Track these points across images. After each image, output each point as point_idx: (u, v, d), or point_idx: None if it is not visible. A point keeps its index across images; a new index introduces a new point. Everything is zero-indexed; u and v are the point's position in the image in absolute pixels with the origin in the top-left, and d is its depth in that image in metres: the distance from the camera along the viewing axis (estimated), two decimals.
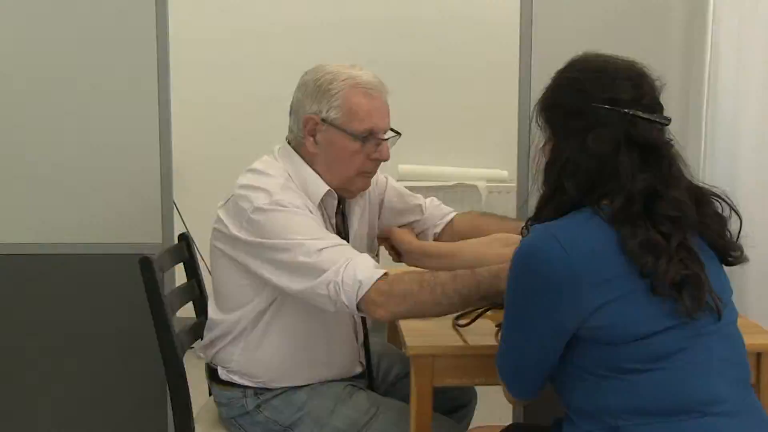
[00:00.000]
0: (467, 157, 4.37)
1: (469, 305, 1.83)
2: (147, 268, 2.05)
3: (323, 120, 1.96)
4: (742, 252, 1.58)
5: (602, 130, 1.48)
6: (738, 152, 2.44)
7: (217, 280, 2.05)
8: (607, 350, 1.46)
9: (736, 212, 1.57)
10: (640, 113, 1.49)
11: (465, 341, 1.92)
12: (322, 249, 1.82)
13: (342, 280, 1.77)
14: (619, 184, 1.47)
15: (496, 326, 1.96)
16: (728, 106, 2.49)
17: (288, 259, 1.84)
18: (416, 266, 2.08)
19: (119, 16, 2.61)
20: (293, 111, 2.04)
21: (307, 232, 1.85)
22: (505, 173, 4.31)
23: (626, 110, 1.48)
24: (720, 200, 1.56)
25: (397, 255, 2.21)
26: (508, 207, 4.26)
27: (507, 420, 2.81)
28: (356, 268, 1.77)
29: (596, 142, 1.47)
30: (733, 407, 1.47)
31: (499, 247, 1.96)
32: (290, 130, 2.06)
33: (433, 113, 4.31)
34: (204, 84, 4.20)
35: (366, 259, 1.83)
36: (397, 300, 1.76)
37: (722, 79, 2.51)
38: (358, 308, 1.78)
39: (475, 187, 4.27)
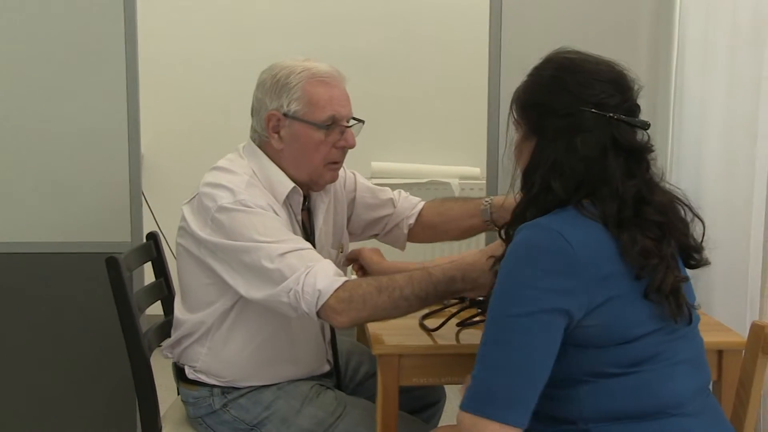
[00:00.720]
0: (439, 154, 4.38)
1: (426, 305, 1.85)
2: (114, 267, 2.04)
3: (285, 114, 1.97)
4: (703, 255, 1.60)
5: (589, 134, 1.48)
6: (703, 153, 2.47)
7: (183, 279, 2.05)
8: (591, 354, 1.44)
9: (698, 217, 1.58)
10: (623, 117, 1.50)
11: (433, 341, 1.93)
12: (284, 253, 1.82)
13: (302, 289, 1.78)
14: (609, 188, 1.47)
15: (458, 326, 1.97)
16: (694, 106, 2.52)
17: (249, 262, 1.84)
18: None
19: (87, 10, 2.59)
20: (254, 111, 2.04)
21: (269, 234, 1.85)
22: (477, 170, 4.31)
23: (611, 114, 1.49)
24: (682, 204, 1.57)
25: (366, 275, 2.20)
26: None
27: None
28: (317, 276, 1.78)
29: (584, 146, 1.47)
30: (696, 408, 1.49)
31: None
32: (253, 131, 2.06)
33: (405, 110, 4.31)
34: (173, 80, 4.17)
35: (326, 266, 1.83)
36: (357, 306, 1.77)
37: (688, 79, 2.53)
38: (318, 315, 1.80)
39: (447, 184, 4.27)
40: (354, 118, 2.05)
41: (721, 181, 2.38)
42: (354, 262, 2.26)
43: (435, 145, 4.38)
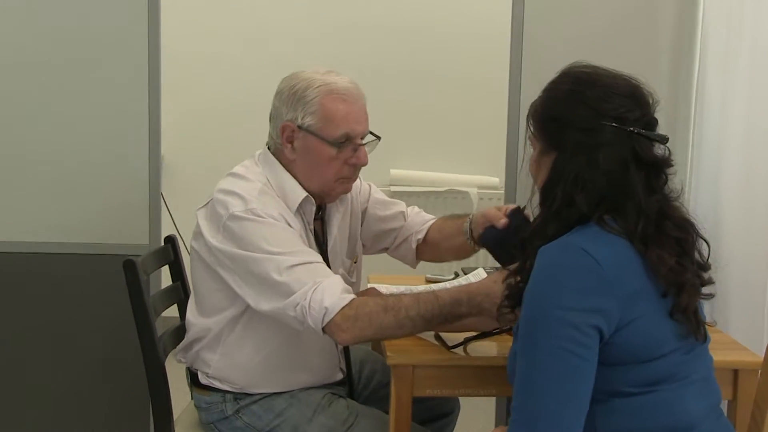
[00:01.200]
0: (459, 163, 4.37)
1: (431, 327, 1.86)
2: (131, 270, 2.05)
3: (299, 127, 1.97)
4: (709, 274, 1.57)
5: (611, 148, 1.47)
6: (723, 166, 2.44)
7: (195, 283, 2.06)
8: (609, 372, 1.41)
9: (703, 238, 1.56)
10: (643, 132, 1.49)
11: (448, 352, 1.92)
12: (293, 266, 1.83)
13: (309, 305, 1.79)
14: (632, 203, 1.46)
15: (465, 339, 1.95)
16: (714, 118, 2.49)
17: (258, 273, 1.85)
18: None
19: (110, 15, 2.61)
20: (272, 118, 2.05)
21: (279, 245, 1.86)
22: (496, 180, 4.31)
23: (631, 129, 1.48)
24: (690, 226, 1.54)
25: None
26: None
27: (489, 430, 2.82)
28: (324, 293, 1.79)
29: (606, 160, 1.46)
30: (709, 427, 1.48)
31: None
32: (270, 137, 2.07)
33: (426, 119, 4.31)
34: (194, 84, 4.20)
35: (335, 282, 1.83)
36: (362, 325, 1.79)
37: (709, 92, 2.51)
38: (324, 331, 1.81)
39: (466, 193, 4.27)
40: (371, 133, 2.04)
41: (741, 194, 2.33)
42: None
43: (454, 154, 4.38)
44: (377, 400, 2.21)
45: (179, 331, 2.20)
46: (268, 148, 2.07)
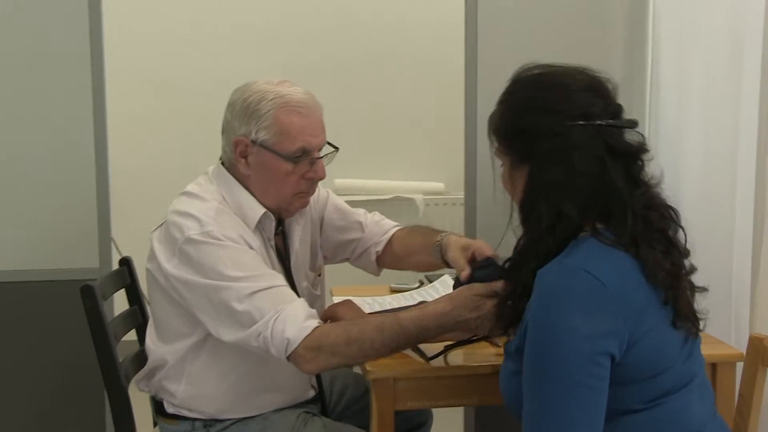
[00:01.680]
0: (403, 170, 4.36)
1: (397, 352, 1.82)
2: (89, 296, 1.97)
3: (253, 142, 1.89)
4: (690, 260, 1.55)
5: (583, 148, 1.41)
6: (683, 151, 2.43)
7: (154, 308, 1.97)
8: (616, 392, 1.36)
9: (681, 227, 1.52)
10: (611, 122, 1.44)
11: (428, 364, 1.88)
12: (253, 293, 1.76)
13: (271, 334, 1.74)
14: (617, 202, 1.42)
15: (445, 347, 1.91)
16: (671, 102, 2.50)
17: (218, 302, 1.78)
18: None
19: (51, 29, 2.52)
20: (224, 131, 1.96)
21: (239, 269, 1.79)
22: (441, 185, 4.31)
23: (599, 122, 1.43)
24: (672, 212, 1.52)
25: None
26: (446, 219, 4.27)
27: None
28: (286, 322, 1.74)
29: (582, 161, 1.41)
30: (711, 430, 1.46)
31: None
32: (223, 150, 1.98)
33: (369, 127, 4.28)
34: (141, 100, 4.09)
35: (297, 309, 1.77)
36: (326, 356, 1.75)
37: (665, 76, 2.52)
38: (288, 359, 1.77)
39: (412, 200, 4.25)
40: (328, 143, 1.98)
41: (702, 178, 2.32)
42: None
43: (398, 161, 4.36)
44: (351, 416, 2.16)
45: (140, 357, 2.11)
46: (222, 163, 1.99)
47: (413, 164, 4.36)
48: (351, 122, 4.13)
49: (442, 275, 2.48)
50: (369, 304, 2.31)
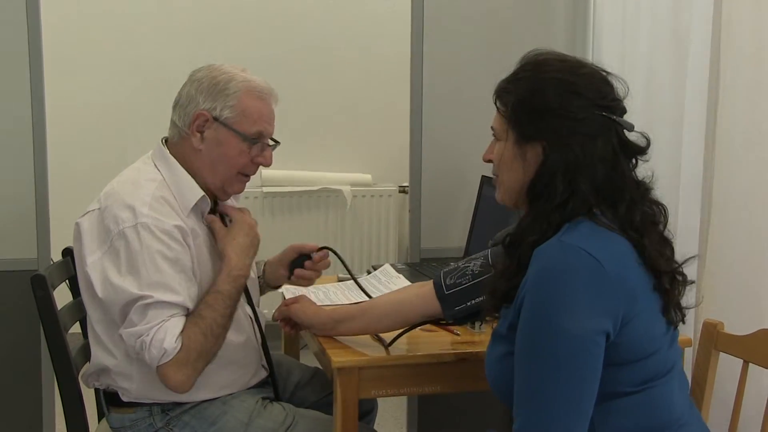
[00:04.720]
0: (330, 161, 4.35)
1: (232, 317, 1.89)
2: (41, 286, 1.93)
3: (215, 118, 1.95)
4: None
5: (604, 137, 1.46)
6: None
7: (87, 307, 1.95)
8: (612, 373, 1.38)
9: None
10: (621, 120, 1.49)
11: (387, 353, 1.91)
12: (153, 303, 1.79)
13: (151, 342, 1.78)
14: (627, 192, 1.47)
15: (401, 331, 1.93)
16: None
17: (121, 296, 1.81)
18: (329, 335, 2.00)
19: None
20: (180, 105, 1.99)
21: (155, 275, 1.81)
22: (368, 177, 4.32)
23: (614, 117, 1.48)
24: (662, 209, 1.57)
25: (296, 329, 2.13)
26: (373, 211, 4.30)
27: (404, 426, 2.84)
28: (167, 333, 1.78)
29: (604, 149, 1.46)
30: (689, 418, 1.51)
31: (416, 288, 1.96)
32: (173, 125, 2.00)
33: (295, 117, 4.23)
34: (80, 87, 3.96)
35: (174, 325, 1.80)
36: (197, 364, 1.82)
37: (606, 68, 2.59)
38: (158, 368, 1.81)
39: (340, 191, 4.25)
40: (272, 139, 2.04)
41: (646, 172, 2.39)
42: (283, 321, 2.13)
43: (326, 152, 4.34)
44: (297, 402, 2.15)
45: (86, 350, 2.06)
46: (164, 142, 2.01)
47: (340, 156, 4.36)
48: (278, 113, 4.09)
49: (383, 265, 2.53)
50: (313, 293, 2.31)
